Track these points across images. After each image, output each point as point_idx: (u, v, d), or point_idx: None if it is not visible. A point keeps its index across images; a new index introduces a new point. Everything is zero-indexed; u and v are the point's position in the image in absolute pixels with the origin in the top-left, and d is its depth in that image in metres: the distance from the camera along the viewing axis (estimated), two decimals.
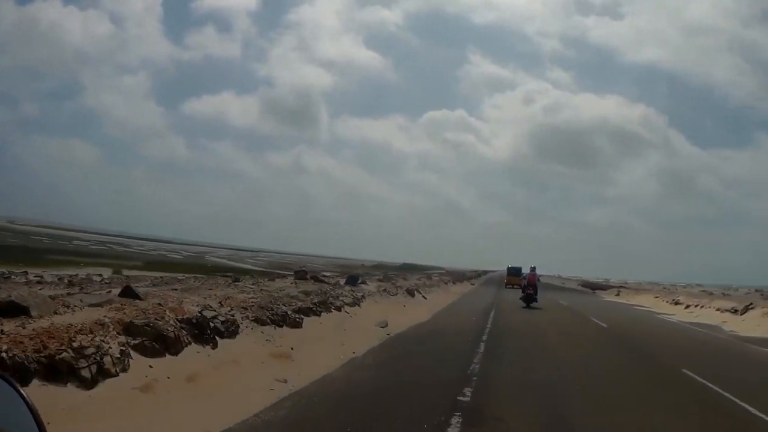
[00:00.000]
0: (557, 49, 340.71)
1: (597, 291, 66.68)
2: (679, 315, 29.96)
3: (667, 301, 37.40)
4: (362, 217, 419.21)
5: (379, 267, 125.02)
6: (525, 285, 30.47)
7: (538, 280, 31.26)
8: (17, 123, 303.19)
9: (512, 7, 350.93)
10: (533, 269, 31.35)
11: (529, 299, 28.80)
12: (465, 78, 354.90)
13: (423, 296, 28.53)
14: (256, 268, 73.28)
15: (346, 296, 18.77)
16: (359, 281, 24.81)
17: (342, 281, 24.63)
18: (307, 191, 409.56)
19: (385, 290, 24.51)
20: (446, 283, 43.95)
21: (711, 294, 46.41)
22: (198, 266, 58.04)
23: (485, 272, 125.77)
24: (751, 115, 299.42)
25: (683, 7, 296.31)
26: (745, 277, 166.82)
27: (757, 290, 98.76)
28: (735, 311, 27.28)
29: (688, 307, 32.58)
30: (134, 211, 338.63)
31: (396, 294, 25.00)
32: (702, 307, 31.11)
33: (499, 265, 79.57)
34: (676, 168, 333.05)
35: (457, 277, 60.45)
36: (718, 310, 28.79)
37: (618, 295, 55.26)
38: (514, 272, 54.23)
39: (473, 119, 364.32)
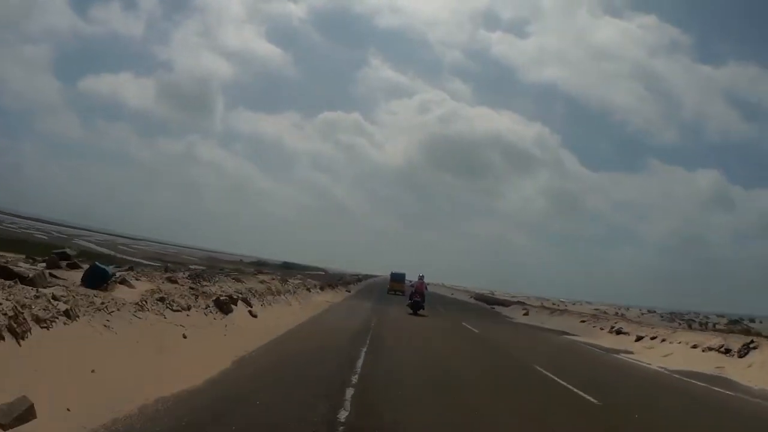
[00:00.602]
0: (458, 61, 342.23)
1: (495, 306, 56.92)
2: (641, 354, 20.20)
3: (605, 330, 27.71)
4: (250, 212, 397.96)
5: (259, 264, 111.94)
6: (413, 292, 30.44)
7: (426, 288, 31.59)
8: None
9: (418, 14, 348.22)
10: (421, 277, 31.61)
11: (416, 306, 29.28)
12: (363, 81, 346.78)
13: (251, 312, 16.60)
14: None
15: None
16: (114, 278, 12.46)
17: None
18: (196, 181, 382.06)
19: (162, 301, 12.32)
20: (310, 290, 32.22)
21: (635, 320, 37.94)
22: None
23: (368, 276, 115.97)
24: (646, 142, 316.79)
25: (591, 32, 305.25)
26: (630, 296, 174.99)
27: (649, 311, 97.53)
28: (727, 351, 17.99)
29: (640, 339, 23.12)
30: (16, 187, 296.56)
31: (187, 309, 12.93)
32: (664, 340, 21.72)
33: (385, 270, 72.17)
34: (565, 187, 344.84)
35: (331, 280, 48.97)
36: (694, 347, 19.41)
37: (527, 314, 43.23)
38: (397, 278, 53.37)
39: (368, 123, 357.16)
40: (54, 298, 8.56)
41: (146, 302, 11.53)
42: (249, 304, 17.20)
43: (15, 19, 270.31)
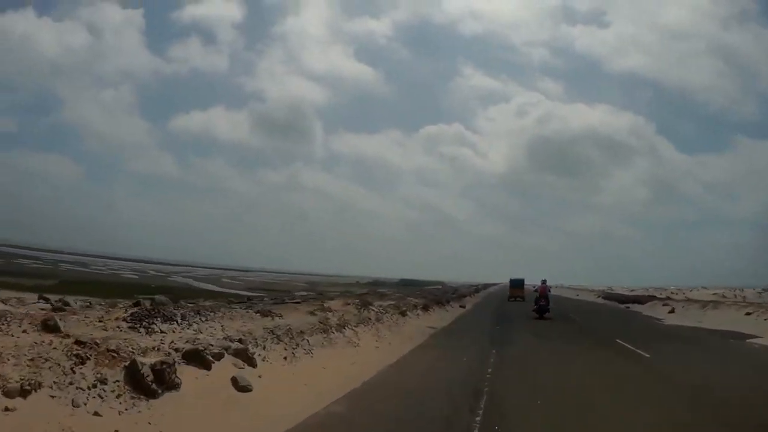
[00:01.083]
0: (546, 59, 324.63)
1: (630, 305, 46.42)
2: None
3: None
4: (361, 233, 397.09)
5: (375, 284, 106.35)
6: (537, 297, 30.75)
7: (549, 291, 31.85)
8: None
9: (498, 17, 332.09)
10: (544, 282, 31.79)
11: (541, 310, 29.60)
12: (457, 90, 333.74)
13: (235, 382, 8.37)
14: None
15: None
16: None
17: None
18: (302, 208, 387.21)
19: None
20: (405, 313, 23.65)
21: None
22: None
23: (487, 285, 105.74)
24: (730, 119, 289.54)
25: (661, 12, 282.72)
26: (737, 277, 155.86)
27: (765, 289, 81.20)
28: None
29: None
30: (119, 230, 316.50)
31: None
32: None
33: (503, 277, 64.48)
34: (662, 174, 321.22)
35: (442, 295, 40.69)
36: None
37: (673, 312, 34.04)
38: (516, 284, 53.89)
39: (469, 132, 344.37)
40: None
41: None
42: (248, 360, 9.06)
43: (92, 64, 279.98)
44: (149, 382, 6.86)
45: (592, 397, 9.50)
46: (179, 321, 9.60)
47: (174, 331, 9.10)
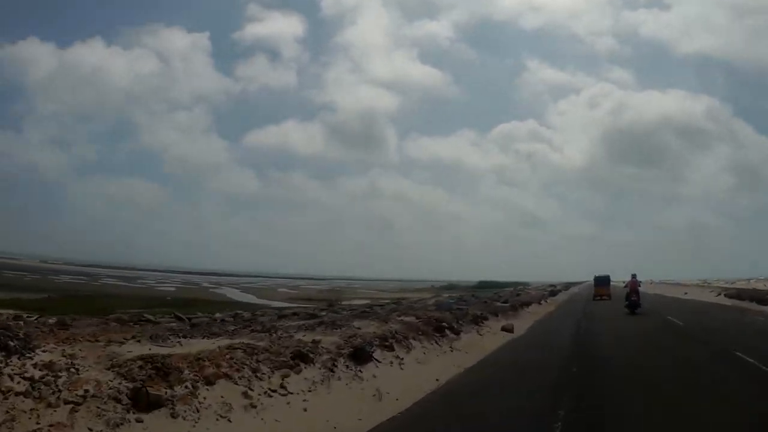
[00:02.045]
0: (612, 47, 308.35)
1: None
2: None
3: None
4: (445, 237, 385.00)
5: (449, 287, 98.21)
6: (628, 293, 30.48)
7: (639, 285, 31.78)
8: (75, 168, 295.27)
9: (558, 8, 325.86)
10: (634, 276, 31.71)
11: (633, 306, 29.28)
12: (526, 86, 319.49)
13: None
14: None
15: None
16: None
17: None
18: (384, 215, 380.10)
19: None
20: (439, 340, 14.61)
21: None
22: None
23: (569, 285, 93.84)
24: None
25: None
26: None
27: None
28: None
29: None
30: (208, 248, 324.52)
31: None
32: None
33: (588, 275, 56.78)
34: (747, 158, 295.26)
35: (523, 301, 32.17)
36: None
37: None
38: (601, 282, 49.24)
39: (543, 128, 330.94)
40: None
41: None
42: None
43: (166, 89, 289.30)
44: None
45: None
46: None
47: None
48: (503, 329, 19.47)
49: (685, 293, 56.26)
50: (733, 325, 23.12)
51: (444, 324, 15.89)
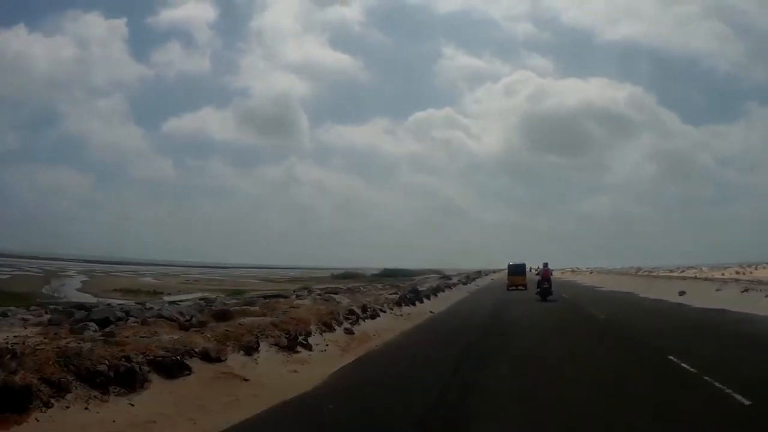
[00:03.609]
0: (532, 34, 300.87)
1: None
2: None
3: None
4: (359, 224, 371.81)
5: (345, 276, 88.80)
6: (540, 280, 31.36)
7: (551, 274, 32.96)
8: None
9: None
10: (546, 265, 33.21)
11: (544, 293, 30.09)
12: (442, 73, 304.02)
13: None
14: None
15: None
16: None
17: None
18: (299, 202, 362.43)
19: None
20: None
21: None
22: None
23: (487, 273, 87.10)
24: (739, 86, 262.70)
25: None
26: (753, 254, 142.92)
27: None
28: None
29: None
30: (125, 235, 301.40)
31: None
32: None
33: (506, 263, 49.86)
34: (670, 148, 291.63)
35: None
36: None
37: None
38: (516, 270, 45.08)
39: (461, 116, 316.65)
40: None
41: None
42: None
43: (82, 76, 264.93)
44: None
45: None
46: None
47: None
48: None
49: (619, 285, 46.10)
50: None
51: None
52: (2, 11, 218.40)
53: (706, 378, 8.83)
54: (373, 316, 17.21)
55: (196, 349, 8.76)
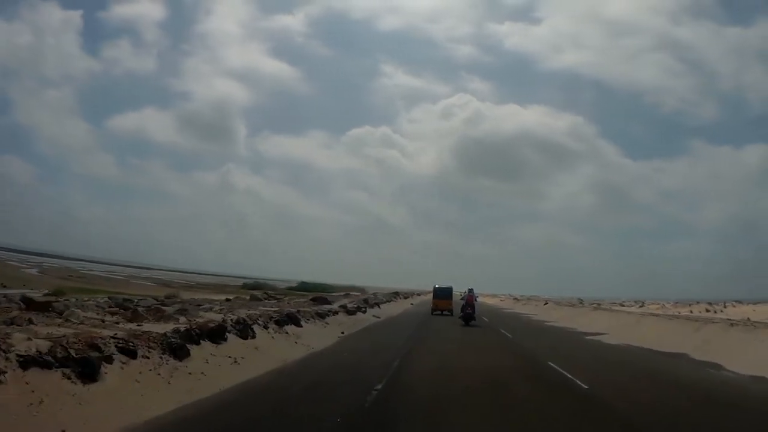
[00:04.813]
0: (474, 57, 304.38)
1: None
2: None
3: None
4: (292, 236, 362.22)
5: (253, 286, 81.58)
6: (464, 305, 31.63)
7: (476, 299, 33.41)
8: None
9: (417, 11, 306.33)
10: (471, 290, 33.06)
11: (467, 318, 30.56)
12: (381, 90, 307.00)
13: None
14: None
15: None
16: None
17: None
18: (231, 209, 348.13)
19: None
20: None
21: None
22: None
23: (407, 295, 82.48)
24: (686, 122, 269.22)
25: (601, 6, 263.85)
26: (690, 290, 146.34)
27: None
28: None
29: None
30: (71, 233, 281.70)
31: None
32: None
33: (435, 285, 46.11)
34: (609, 180, 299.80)
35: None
36: None
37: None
38: (442, 294, 42.74)
39: (397, 135, 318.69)
40: None
41: None
42: None
43: (34, 65, 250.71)
44: None
45: None
46: None
47: None
48: None
49: (556, 320, 42.43)
50: None
51: None
52: None
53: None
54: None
55: None
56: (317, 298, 30.76)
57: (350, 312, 28.74)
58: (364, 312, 32.34)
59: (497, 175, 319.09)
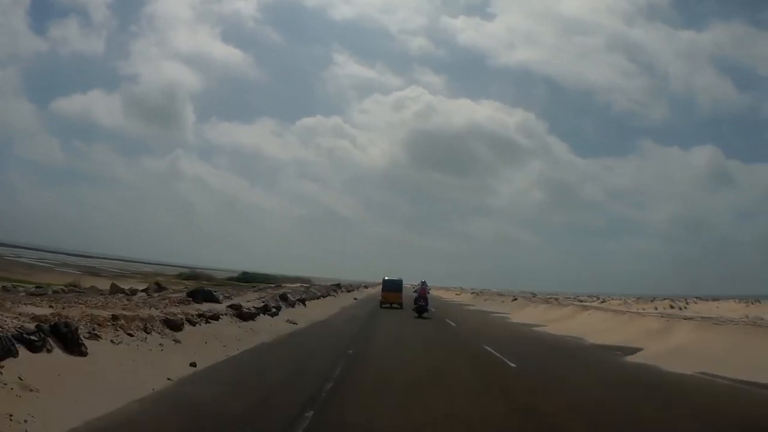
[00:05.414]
0: (427, 50, 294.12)
1: None
2: None
3: None
4: (241, 227, 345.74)
5: (189, 276, 73.07)
6: (417, 297, 32.98)
7: (428, 292, 34.55)
8: None
9: (371, 2, 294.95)
10: (424, 283, 34.38)
11: (420, 310, 31.89)
12: (332, 79, 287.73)
13: None
14: None
15: None
16: None
17: None
18: (178, 197, 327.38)
19: None
20: None
21: None
22: None
23: (351, 288, 73.85)
24: (636, 122, 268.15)
25: (555, 4, 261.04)
26: (633, 286, 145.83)
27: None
28: None
29: None
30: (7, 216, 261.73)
31: None
32: None
33: (384, 277, 42.86)
34: (558, 177, 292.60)
35: None
36: None
37: None
38: (392, 286, 40.60)
39: (348, 126, 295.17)
40: None
41: None
42: None
43: None
44: None
45: None
46: None
47: None
48: None
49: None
50: None
51: None
52: None
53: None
54: None
55: None
56: (196, 292, 21.36)
57: (245, 315, 19.42)
58: (275, 314, 23.12)
59: (448, 169, 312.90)
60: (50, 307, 12.29)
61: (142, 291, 25.89)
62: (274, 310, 23.68)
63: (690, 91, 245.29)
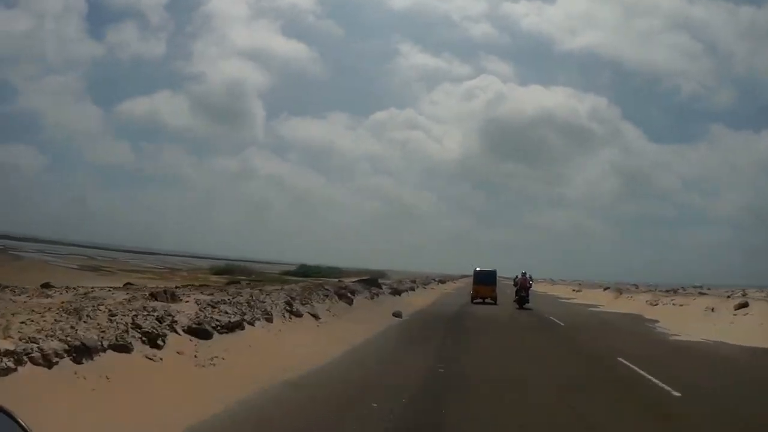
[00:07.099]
0: (492, 38, 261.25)
1: None
2: None
3: None
4: (309, 221, 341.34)
5: (227, 271, 66.90)
6: (518, 288, 32.49)
7: (530, 284, 33.42)
8: None
9: None
10: (524, 274, 33.01)
11: (522, 301, 31.71)
12: (400, 71, 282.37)
13: None
14: None
15: None
16: None
17: None
18: (250, 194, 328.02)
19: None
20: None
21: None
22: None
23: (426, 284, 67.55)
24: (704, 106, 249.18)
25: None
26: (707, 276, 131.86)
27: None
28: None
29: None
30: (85, 221, 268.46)
31: None
32: None
33: (464, 270, 45.97)
34: (632, 164, 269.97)
35: None
36: None
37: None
38: (485, 279, 36.83)
39: (422, 117, 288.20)
40: None
41: None
42: None
43: (37, 51, 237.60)
44: None
45: None
46: None
47: None
48: None
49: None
50: None
51: None
52: None
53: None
54: None
55: None
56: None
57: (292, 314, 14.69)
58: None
59: (520, 159, 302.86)
60: None
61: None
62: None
63: (755, 72, 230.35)
